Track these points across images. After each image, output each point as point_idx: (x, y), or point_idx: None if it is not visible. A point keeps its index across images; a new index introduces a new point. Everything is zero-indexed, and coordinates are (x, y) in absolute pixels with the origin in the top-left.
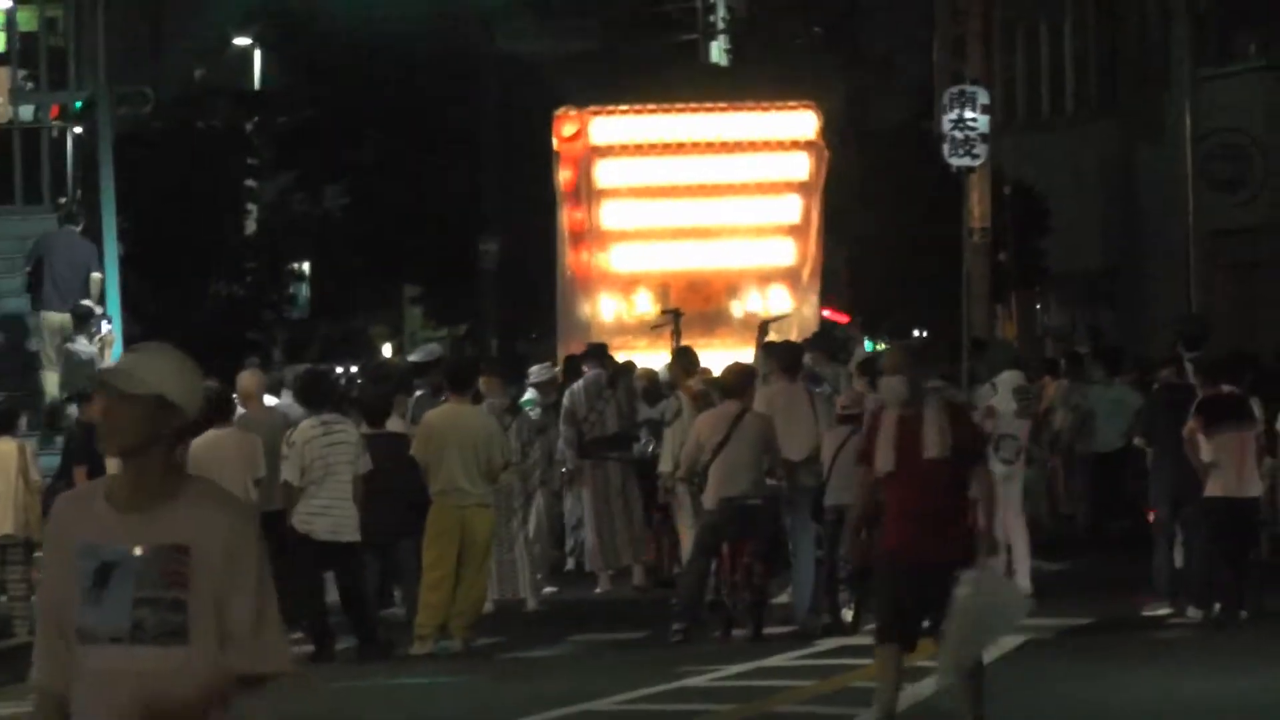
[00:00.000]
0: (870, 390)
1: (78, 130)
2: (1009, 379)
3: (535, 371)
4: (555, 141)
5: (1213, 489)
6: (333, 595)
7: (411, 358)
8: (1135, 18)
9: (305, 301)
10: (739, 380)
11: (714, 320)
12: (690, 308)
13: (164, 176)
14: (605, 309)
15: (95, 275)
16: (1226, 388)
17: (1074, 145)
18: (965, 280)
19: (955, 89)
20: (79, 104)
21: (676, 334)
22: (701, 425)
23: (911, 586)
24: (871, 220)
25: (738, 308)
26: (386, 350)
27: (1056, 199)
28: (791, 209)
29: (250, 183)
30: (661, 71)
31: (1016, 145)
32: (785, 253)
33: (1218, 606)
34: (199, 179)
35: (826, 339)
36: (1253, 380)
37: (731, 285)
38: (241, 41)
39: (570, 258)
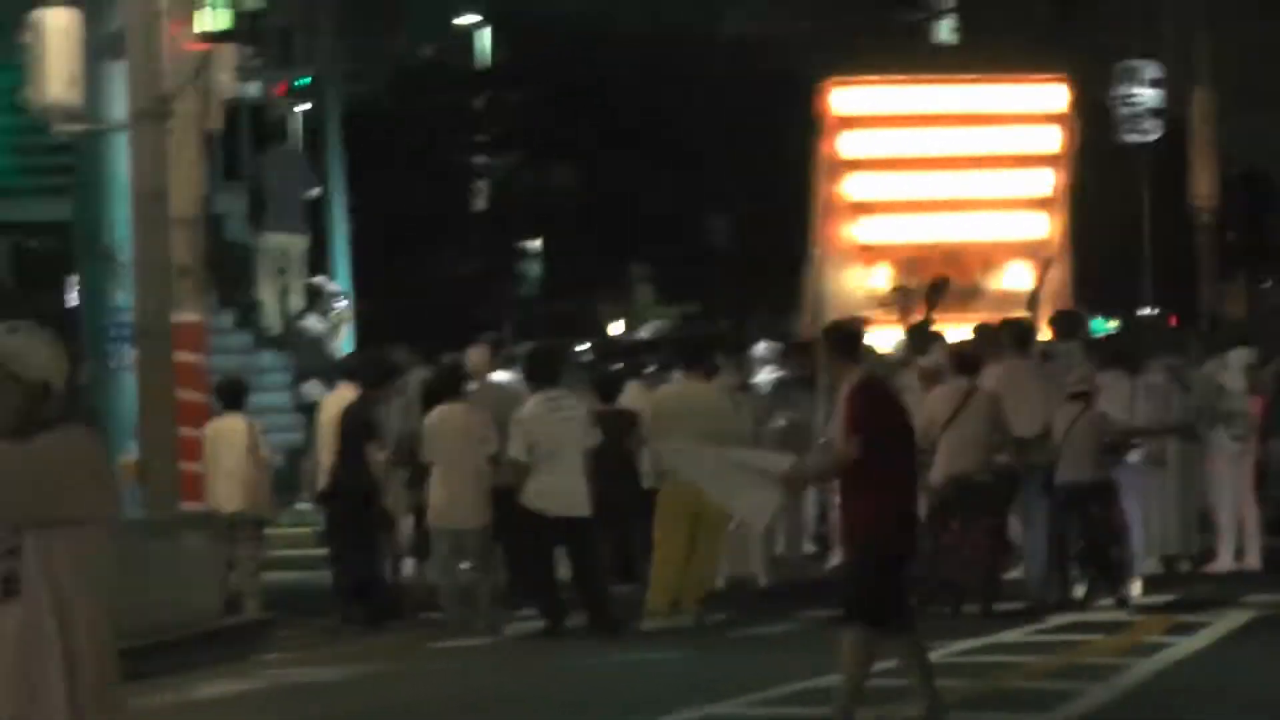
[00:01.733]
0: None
1: (306, 107)
2: (1239, 356)
3: (763, 350)
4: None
5: None
6: (564, 571)
7: (640, 335)
8: None
9: (535, 279)
10: (970, 357)
11: (966, 295)
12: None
13: (391, 154)
14: (851, 281)
15: (313, 191)
16: None
17: None
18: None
19: (1123, 64)
20: (306, 81)
21: (907, 311)
22: (931, 402)
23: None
24: (1100, 196)
25: (990, 282)
26: (616, 328)
27: None
28: (1044, 182)
29: (478, 160)
30: (892, 50)
31: (1247, 123)
32: (1038, 226)
33: None
34: (426, 156)
35: (1063, 315)
36: None
37: (984, 259)
38: (469, 19)
39: (818, 229)
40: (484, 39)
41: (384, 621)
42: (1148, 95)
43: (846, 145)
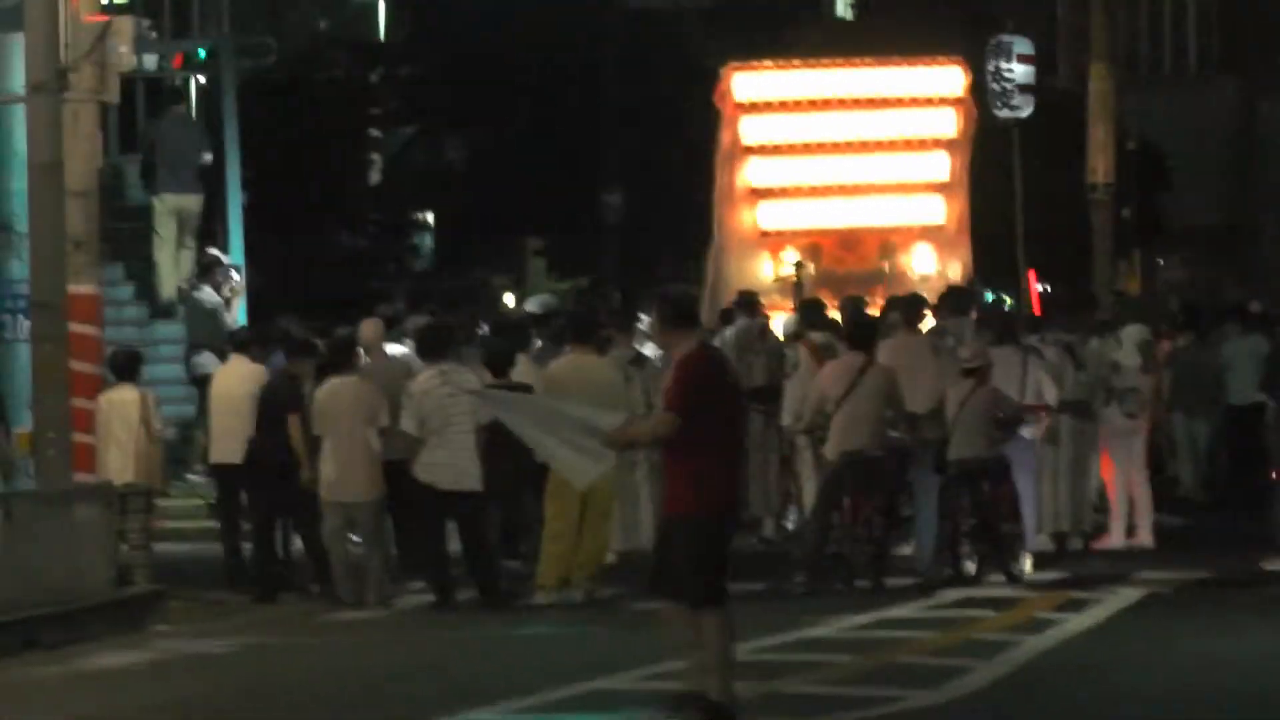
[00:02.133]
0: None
1: (201, 80)
2: (1133, 333)
3: (650, 324)
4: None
5: None
6: (454, 545)
7: (527, 308)
8: None
9: (428, 253)
10: (864, 333)
11: (868, 279)
12: (843, 267)
13: (287, 127)
14: (753, 267)
15: (207, 156)
16: None
17: (1196, 102)
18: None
19: (994, 39)
20: (202, 53)
21: (799, 286)
22: (825, 378)
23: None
24: (995, 175)
25: (892, 266)
26: (509, 302)
27: (1178, 155)
28: (940, 166)
29: (373, 133)
30: (788, 26)
31: (1140, 102)
32: (935, 210)
33: None
34: (322, 130)
35: (954, 292)
36: None
37: (884, 243)
38: None
39: (721, 214)
40: (380, 12)
41: (276, 594)
42: (1019, 71)
43: (748, 130)
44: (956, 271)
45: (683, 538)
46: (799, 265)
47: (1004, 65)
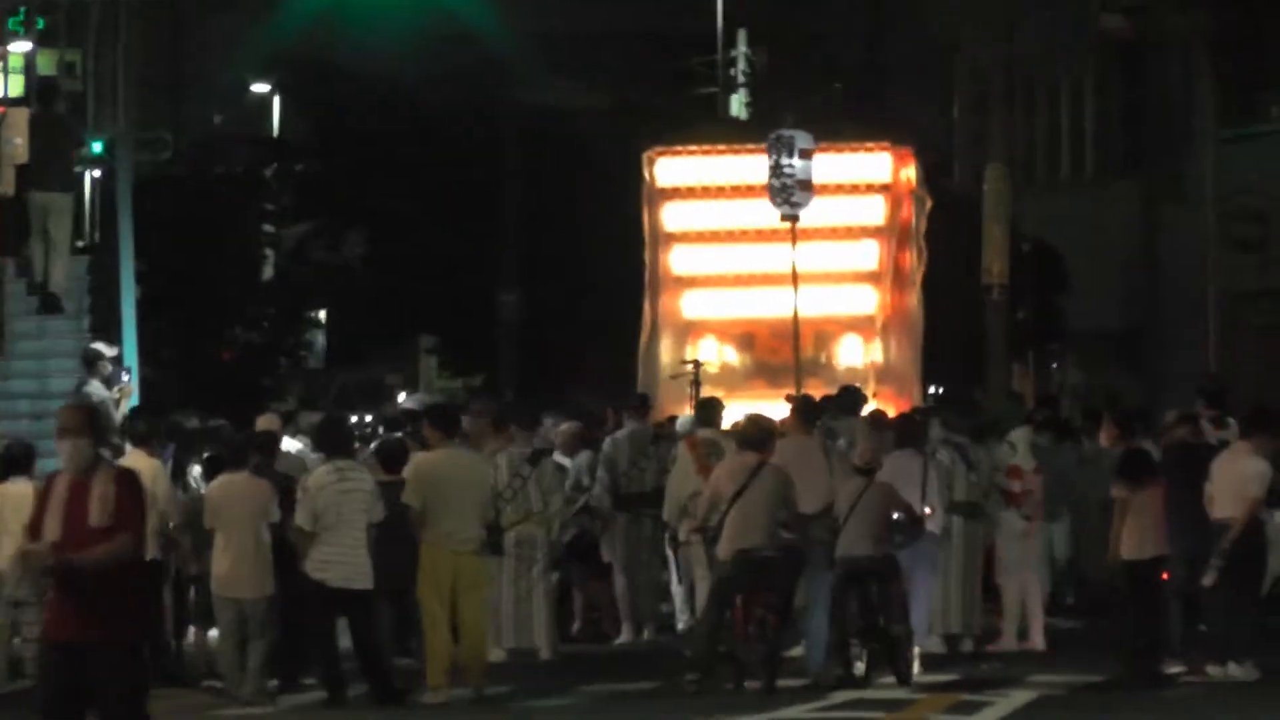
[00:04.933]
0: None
1: (96, 173)
2: (1024, 435)
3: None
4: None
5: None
6: (346, 642)
7: (405, 405)
8: (1158, 78)
9: (322, 349)
10: (758, 432)
11: (803, 370)
12: (778, 358)
13: (182, 221)
14: (682, 356)
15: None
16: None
17: (1095, 206)
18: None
19: (774, 134)
20: (99, 147)
21: (696, 384)
22: (719, 476)
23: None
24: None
25: (826, 357)
26: (402, 399)
27: (1077, 259)
28: (869, 255)
29: (268, 229)
30: (683, 125)
31: (1038, 205)
32: (865, 301)
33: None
34: (217, 224)
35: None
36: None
37: (818, 333)
38: (261, 88)
39: (647, 303)
40: (275, 108)
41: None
42: (798, 166)
43: (670, 216)
44: (894, 363)
45: (123, 665)
46: (696, 363)
47: (785, 161)
